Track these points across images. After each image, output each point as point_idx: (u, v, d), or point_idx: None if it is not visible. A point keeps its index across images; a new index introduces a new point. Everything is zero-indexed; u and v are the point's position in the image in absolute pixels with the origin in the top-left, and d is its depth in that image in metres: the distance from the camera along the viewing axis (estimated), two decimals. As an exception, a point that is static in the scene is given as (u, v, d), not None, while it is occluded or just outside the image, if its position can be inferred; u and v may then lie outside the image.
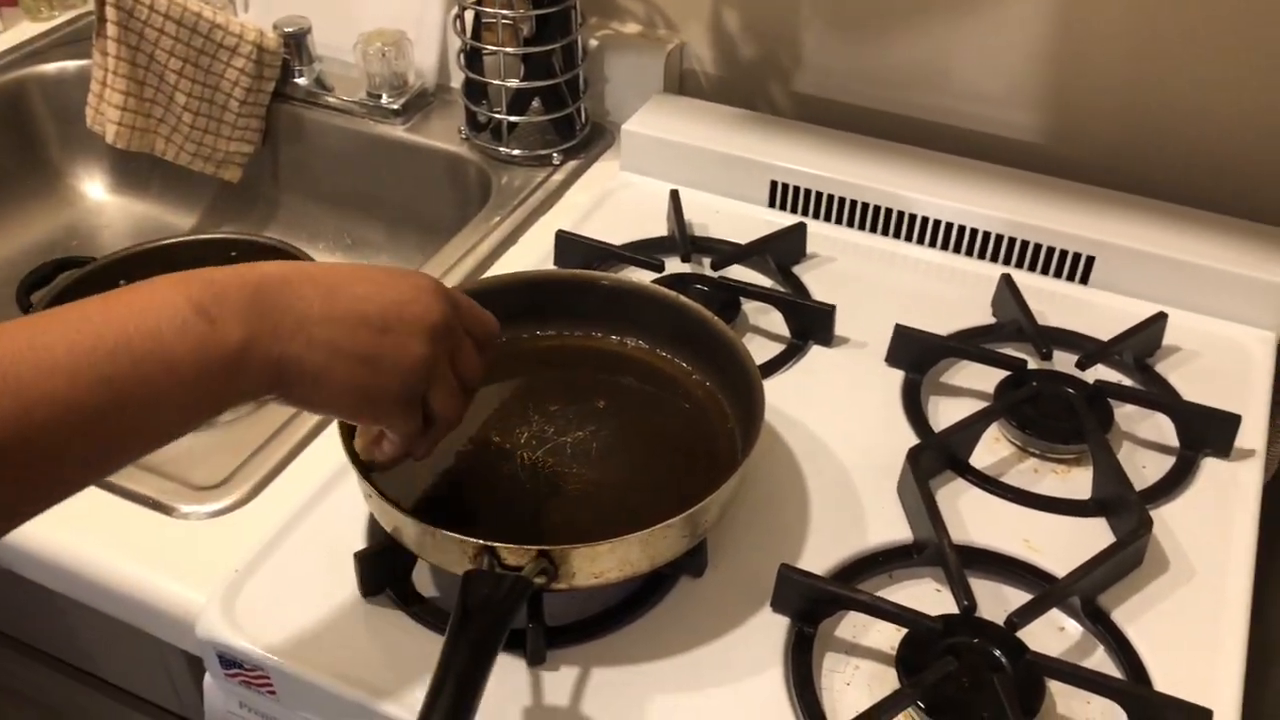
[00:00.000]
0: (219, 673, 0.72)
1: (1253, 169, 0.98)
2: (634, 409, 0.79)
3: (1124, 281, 0.95)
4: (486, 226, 1.06)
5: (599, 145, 1.17)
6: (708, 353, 0.80)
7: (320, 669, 0.68)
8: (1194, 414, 0.82)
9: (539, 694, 0.67)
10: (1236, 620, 0.71)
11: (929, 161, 1.03)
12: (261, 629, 0.70)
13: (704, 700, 0.66)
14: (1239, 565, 0.74)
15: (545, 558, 0.63)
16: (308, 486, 0.79)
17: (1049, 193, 0.99)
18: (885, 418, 0.85)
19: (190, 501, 0.79)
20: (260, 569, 0.73)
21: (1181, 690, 0.65)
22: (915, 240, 1.01)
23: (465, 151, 1.17)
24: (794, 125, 1.09)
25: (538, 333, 0.85)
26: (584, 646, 0.69)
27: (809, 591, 0.70)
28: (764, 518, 0.77)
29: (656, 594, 0.72)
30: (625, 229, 1.02)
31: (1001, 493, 0.79)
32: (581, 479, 0.74)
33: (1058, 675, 0.66)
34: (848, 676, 0.69)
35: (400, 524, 0.67)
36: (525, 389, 0.81)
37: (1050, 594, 0.69)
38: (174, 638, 0.75)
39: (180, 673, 0.83)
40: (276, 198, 1.30)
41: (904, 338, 0.88)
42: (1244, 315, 0.93)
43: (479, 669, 0.56)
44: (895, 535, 0.76)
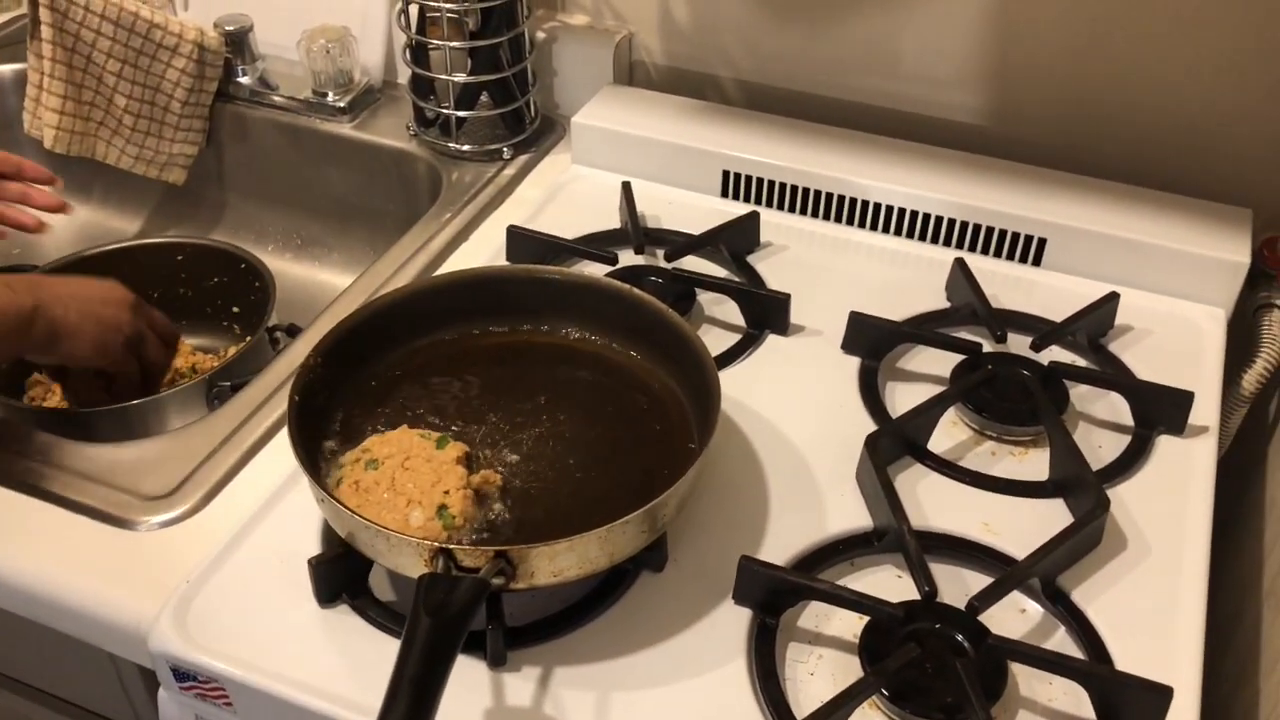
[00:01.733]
0: (173, 686, 0.70)
1: (1200, 147, 0.99)
2: (590, 404, 0.79)
3: (1076, 262, 0.96)
4: (437, 223, 1.04)
5: (549, 138, 1.16)
6: (663, 345, 0.79)
7: (277, 679, 0.67)
8: (1148, 392, 0.83)
9: (501, 696, 0.66)
10: (1194, 596, 0.72)
11: (880, 147, 1.03)
12: (215, 640, 0.68)
13: (668, 695, 0.66)
14: (1195, 541, 0.75)
15: (503, 558, 0.62)
16: (259, 493, 0.77)
17: (999, 175, 1.00)
18: (842, 405, 0.85)
19: (140, 512, 0.77)
20: (212, 578, 0.72)
21: (1142, 668, 0.65)
22: (868, 226, 1.01)
23: (414, 148, 1.15)
24: (745, 114, 1.08)
25: (491, 329, 0.84)
26: (545, 646, 0.68)
27: (770, 582, 0.69)
28: (724, 509, 0.76)
29: (617, 590, 0.71)
30: (578, 222, 1.01)
31: (960, 477, 0.79)
32: (539, 475, 0.73)
33: (1020, 658, 0.66)
34: (811, 666, 0.68)
35: (354, 528, 0.66)
36: (480, 386, 0.80)
37: (1010, 577, 0.69)
38: (126, 651, 0.73)
39: (135, 687, 0.81)
40: (223, 199, 1.28)
41: (859, 325, 0.88)
42: (1195, 293, 0.93)
43: (436, 675, 0.55)
44: (855, 523, 0.76)
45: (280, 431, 0.83)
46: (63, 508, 0.78)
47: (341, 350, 0.77)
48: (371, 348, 0.80)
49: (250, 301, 1.09)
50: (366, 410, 0.77)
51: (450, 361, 0.81)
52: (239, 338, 1.14)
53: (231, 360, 1.00)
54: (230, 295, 1.12)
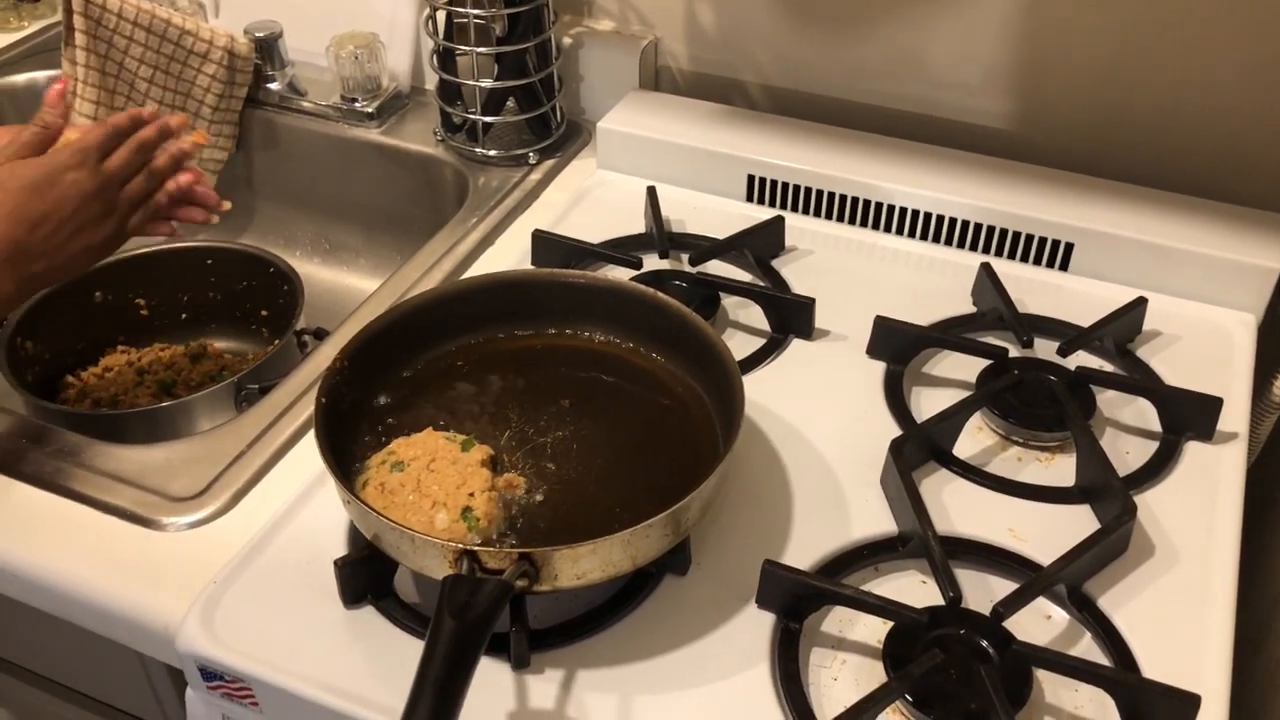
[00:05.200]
0: (200, 685, 0.71)
1: (1230, 151, 0.98)
2: (614, 407, 0.79)
3: (1103, 267, 0.95)
4: (464, 228, 1.05)
5: (575, 143, 1.17)
6: (687, 349, 0.79)
7: (303, 679, 0.67)
8: (1176, 398, 0.82)
9: (524, 698, 0.66)
10: (1223, 604, 0.71)
11: (906, 152, 1.03)
12: (242, 640, 0.69)
13: (691, 699, 0.66)
14: (1224, 549, 0.74)
15: (526, 560, 0.63)
16: (286, 495, 0.78)
17: (1027, 180, 0.99)
18: (867, 410, 0.84)
19: (168, 513, 0.78)
20: (240, 579, 0.72)
21: (1169, 676, 0.65)
22: (894, 231, 1.01)
23: (441, 153, 1.16)
24: (770, 119, 1.08)
25: (516, 333, 0.84)
26: (568, 649, 0.68)
27: (794, 587, 0.69)
28: (747, 513, 0.76)
29: (640, 593, 0.71)
30: (603, 227, 1.01)
31: (985, 482, 0.79)
32: (563, 478, 0.73)
33: (1045, 664, 0.66)
34: (835, 671, 0.68)
35: (380, 530, 0.67)
36: (505, 389, 0.80)
37: (1035, 583, 0.69)
38: (155, 651, 0.74)
39: (164, 685, 0.82)
40: (252, 204, 1.29)
41: (884, 329, 0.88)
42: (1224, 298, 0.92)
43: (459, 677, 0.56)
44: (879, 528, 0.76)
45: (307, 434, 0.84)
46: (93, 508, 0.79)
47: (367, 353, 0.77)
48: (398, 351, 0.80)
49: (279, 305, 1.10)
50: (393, 413, 0.78)
51: (475, 365, 0.82)
52: (267, 341, 1.15)
53: (260, 363, 1.01)
54: (259, 299, 1.13)
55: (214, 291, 1.14)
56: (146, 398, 1.07)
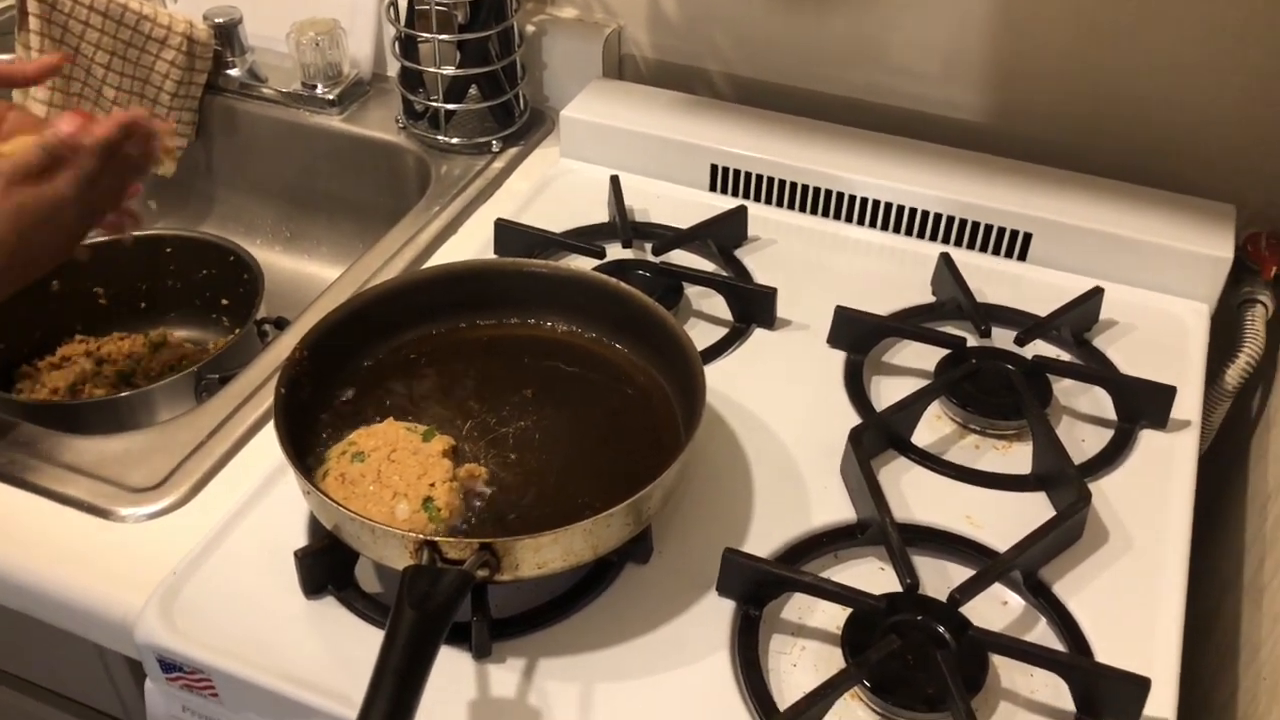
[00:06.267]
0: (159, 677, 0.71)
1: (1185, 143, 1.00)
2: (576, 397, 0.79)
3: (1061, 257, 0.96)
4: (426, 216, 1.05)
5: (538, 132, 1.16)
6: (649, 339, 0.80)
7: (263, 670, 0.67)
8: (1131, 387, 0.83)
9: (485, 688, 0.66)
10: (1174, 590, 0.72)
11: (868, 142, 1.03)
12: (201, 631, 0.69)
13: (652, 686, 0.66)
14: (1176, 535, 0.75)
15: (487, 550, 0.63)
16: (246, 486, 0.78)
17: (987, 171, 1.00)
18: (828, 399, 0.85)
19: (127, 504, 0.78)
20: (199, 570, 0.72)
21: (1122, 660, 0.66)
22: (855, 221, 1.02)
23: (403, 141, 1.15)
24: (733, 108, 1.09)
25: (478, 322, 0.84)
26: (530, 637, 0.69)
27: (754, 574, 0.70)
28: (708, 502, 0.77)
29: (602, 582, 0.72)
30: (566, 216, 1.01)
31: (943, 470, 0.80)
32: (525, 469, 0.74)
33: (1001, 650, 0.67)
34: (794, 658, 0.69)
35: (340, 520, 0.66)
36: (466, 380, 0.80)
37: (991, 569, 0.70)
38: (113, 643, 0.74)
39: (122, 677, 0.82)
40: (212, 192, 1.28)
41: (845, 319, 0.88)
42: (1179, 288, 0.94)
43: (419, 666, 0.56)
44: (839, 515, 0.76)
45: (267, 424, 0.84)
46: (50, 499, 0.78)
47: (328, 343, 0.77)
48: (358, 341, 0.80)
49: (239, 294, 1.10)
50: (353, 403, 0.78)
51: (437, 355, 0.82)
52: (228, 330, 1.14)
53: (220, 353, 1.00)
54: (219, 288, 1.12)
55: (174, 280, 1.13)
56: (105, 388, 1.06)
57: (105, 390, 1.05)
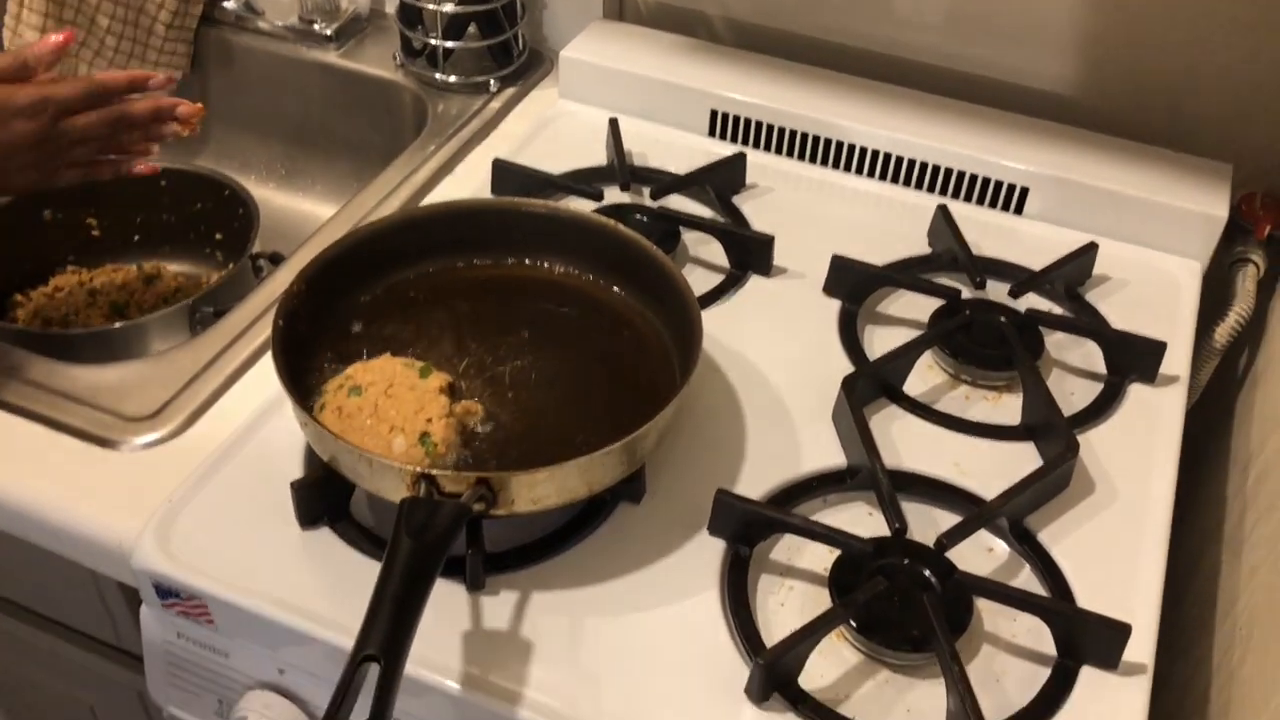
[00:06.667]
0: (155, 602, 0.71)
1: (1183, 102, 1.00)
2: (572, 338, 0.79)
3: (1057, 212, 0.97)
4: (422, 155, 1.04)
5: (537, 72, 1.16)
6: (646, 283, 0.80)
7: (258, 597, 0.68)
8: (1121, 341, 0.84)
9: (478, 619, 0.67)
10: (1157, 540, 0.73)
11: (868, 91, 1.03)
12: (197, 558, 0.69)
13: (642, 622, 0.68)
14: (1161, 487, 0.77)
15: (484, 485, 0.64)
16: (243, 415, 0.78)
17: (986, 124, 1.00)
18: (821, 346, 0.86)
19: (123, 433, 0.78)
20: (195, 499, 0.73)
21: (1103, 606, 0.67)
22: (854, 171, 1.02)
23: (400, 78, 1.15)
24: (734, 53, 1.08)
25: (475, 262, 0.84)
26: (523, 572, 0.70)
27: (745, 515, 0.71)
28: (701, 444, 0.78)
29: (595, 520, 0.72)
30: (563, 158, 1.01)
31: (934, 419, 0.81)
32: (521, 407, 0.74)
33: (985, 593, 0.68)
34: (782, 598, 0.70)
35: (337, 452, 0.67)
36: (463, 318, 0.80)
37: (978, 516, 0.71)
38: (109, 569, 0.74)
39: (116, 603, 0.83)
40: (207, 126, 1.25)
41: (841, 268, 0.89)
42: (1172, 245, 0.94)
43: (416, 595, 0.57)
44: (829, 461, 0.77)
45: (262, 358, 0.84)
46: (45, 426, 0.78)
47: (326, 278, 0.77)
48: (356, 277, 0.80)
49: (233, 229, 1.09)
50: (349, 338, 0.78)
51: (434, 293, 0.82)
52: (221, 265, 1.14)
53: (215, 287, 1.00)
54: (213, 222, 1.12)
55: (168, 213, 1.12)
56: (98, 319, 1.06)
57: (99, 321, 1.05)
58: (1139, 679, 0.66)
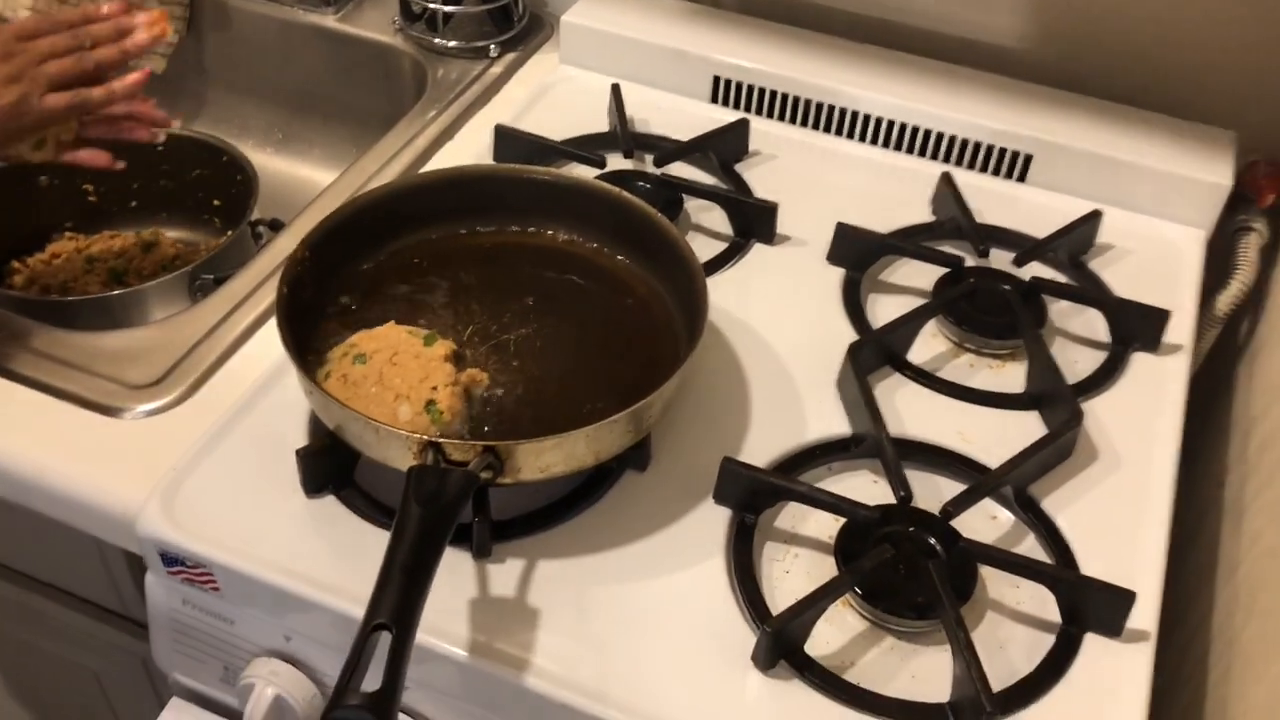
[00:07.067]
0: (161, 570, 0.72)
1: (1187, 68, 0.99)
2: (577, 305, 0.79)
3: (1061, 179, 0.96)
4: (422, 121, 1.03)
5: (537, 37, 1.15)
6: (651, 250, 0.80)
7: (265, 564, 0.68)
8: (1125, 310, 0.84)
9: (485, 587, 0.67)
10: (1160, 509, 0.74)
11: (872, 58, 1.02)
12: (203, 526, 0.69)
13: (648, 590, 0.68)
14: (1164, 455, 0.77)
15: (491, 453, 0.63)
16: (246, 383, 0.78)
17: (990, 91, 0.99)
18: (825, 315, 0.86)
19: (126, 400, 0.78)
20: (200, 466, 0.73)
21: (1107, 574, 0.68)
22: (857, 138, 1.01)
23: (399, 43, 1.13)
24: (737, 19, 1.07)
25: (479, 229, 0.83)
26: (530, 540, 0.70)
27: (750, 483, 0.71)
28: (706, 412, 0.78)
29: (601, 488, 0.72)
30: (565, 124, 1.00)
31: (937, 387, 0.81)
32: (526, 375, 0.74)
33: (989, 561, 0.68)
34: (787, 565, 0.70)
35: (343, 420, 0.67)
36: (467, 286, 0.80)
37: (983, 484, 0.71)
38: (114, 537, 0.74)
39: (120, 571, 0.83)
40: (203, 91, 1.25)
41: (845, 236, 0.88)
42: (1176, 213, 0.94)
43: (426, 562, 0.57)
44: (834, 429, 0.77)
45: (265, 324, 0.84)
46: (47, 394, 0.78)
47: (329, 244, 0.76)
48: (359, 243, 0.80)
49: (232, 195, 1.08)
50: (354, 305, 0.78)
51: (438, 260, 0.81)
52: (220, 231, 1.13)
53: (214, 253, 0.99)
54: (212, 188, 1.11)
55: (165, 179, 1.11)
56: (97, 286, 1.05)
57: (97, 288, 1.05)
58: (1142, 645, 0.66)
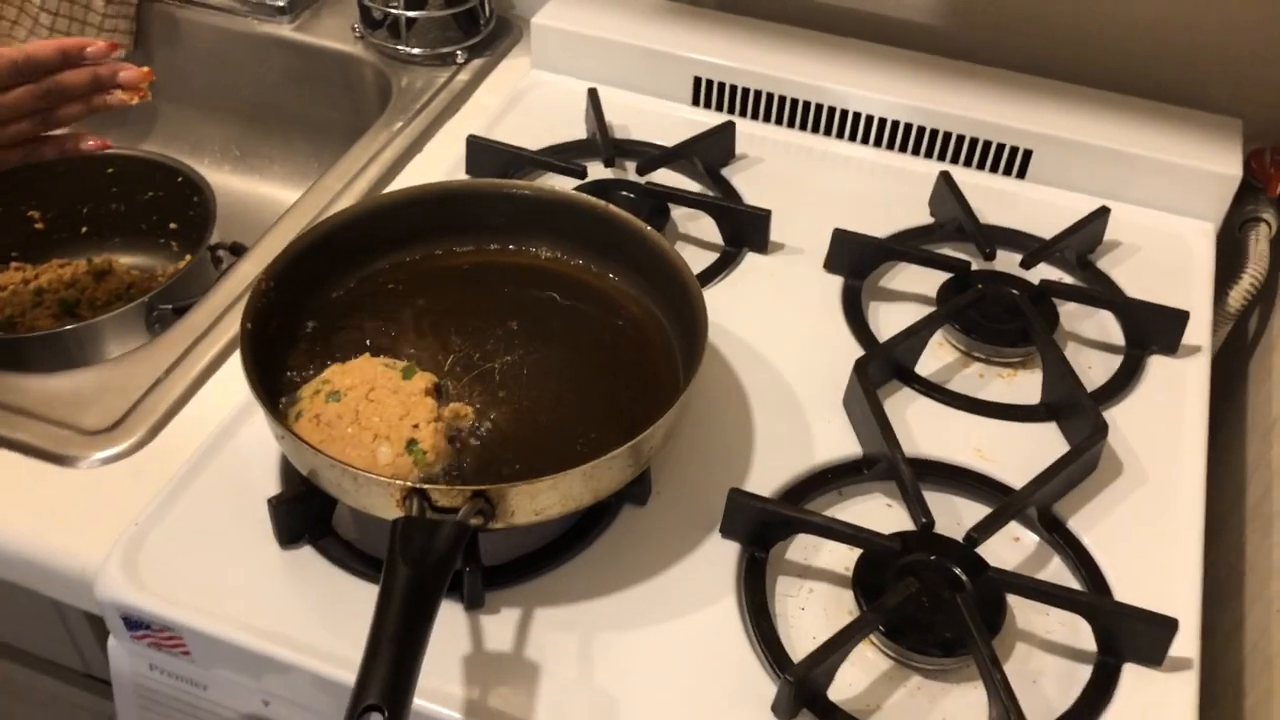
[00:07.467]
0: (124, 635, 0.66)
1: (1187, 52, 0.95)
2: (565, 328, 0.74)
3: (1062, 175, 0.92)
4: (388, 133, 0.98)
5: (506, 41, 1.10)
6: (641, 265, 0.75)
7: (237, 625, 0.62)
8: (1142, 312, 0.80)
9: (479, 640, 0.62)
10: (1191, 524, 0.70)
11: (860, 53, 0.98)
12: (168, 586, 0.64)
13: (655, 635, 0.63)
14: (1192, 467, 0.73)
15: (481, 498, 0.58)
16: (211, 424, 0.72)
17: (985, 84, 0.95)
18: (827, 327, 0.81)
19: (81, 448, 0.72)
20: (164, 519, 0.67)
21: (1141, 598, 0.64)
22: (847, 137, 0.97)
23: (360, 51, 1.08)
24: (717, 16, 1.02)
25: (455, 249, 0.78)
26: (524, 586, 0.65)
27: (761, 515, 0.66)
28: (706, 437, 0.73)
29: (599, 525, 0.67)
30: (541, 132, 0.95)
31: (949, 401, 0.76)
32: (514, 406, 0.69)
33: (1021, 591, 0.64)
34: (802, 601, 0.66)
35: (317, 466, 0.61)
36: (446, 311, 0.74)
37: (1008, 507, 0.67)
38: (73, 598, 0.68)
39: (83, 633, 0.77)
40: (154, 108, 1.19)
41: (843, 242, 0.84)
42: (1183, 207, 0.90)
43: (418, 631, 0.51)
44: (843, 450, 0.73)
45: (230, 358, 0.78)
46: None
47: (295, 272, 0.71)
48: (327, 270, 0.74)
49: (189, 218, 1.03)
50: (324, 338, 0.72)
51: (413, 284, 0.76)
52: (178, 256, 1.07)
53: (172, 281, 0.93)
54: (167, 211, 1.05)
55: (116, 203, 1.05)
56: (47, 320, 0.99)
57: (47, 323, 0.98)
58: (1186, 675, 0.62)
